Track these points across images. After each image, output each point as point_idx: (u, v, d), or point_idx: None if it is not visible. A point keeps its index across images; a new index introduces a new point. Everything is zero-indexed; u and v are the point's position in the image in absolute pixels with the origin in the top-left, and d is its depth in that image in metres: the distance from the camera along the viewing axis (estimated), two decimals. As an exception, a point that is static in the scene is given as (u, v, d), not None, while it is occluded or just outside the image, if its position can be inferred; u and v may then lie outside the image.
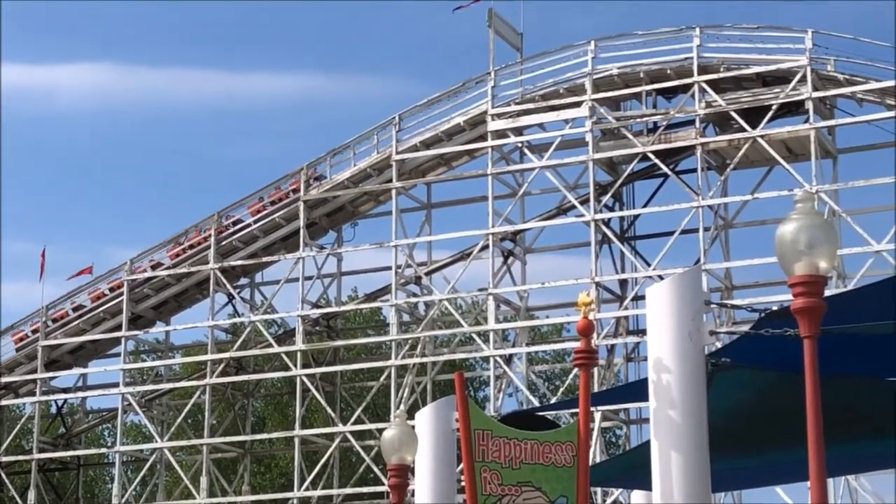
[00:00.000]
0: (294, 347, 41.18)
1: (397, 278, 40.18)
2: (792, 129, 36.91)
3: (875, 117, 36.43)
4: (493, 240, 39.12)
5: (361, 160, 40.98)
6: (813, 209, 8.63)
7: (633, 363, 40.47)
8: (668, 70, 38.07)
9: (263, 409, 55.10)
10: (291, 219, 41.62)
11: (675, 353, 9.73)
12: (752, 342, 10.04)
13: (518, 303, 40.51)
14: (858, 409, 11.39)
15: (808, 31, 36.49)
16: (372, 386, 43.33)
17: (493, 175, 39.46)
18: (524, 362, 40.72)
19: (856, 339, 10.32)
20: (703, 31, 37.62)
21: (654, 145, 37.77)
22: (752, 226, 39.92)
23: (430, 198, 42.04)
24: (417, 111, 40.87)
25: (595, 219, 37.95)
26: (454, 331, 42.06)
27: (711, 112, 37.37)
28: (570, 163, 39.53)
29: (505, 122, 39.34)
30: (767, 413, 11.17)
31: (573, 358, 11.32)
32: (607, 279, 38.98)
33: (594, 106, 38.22)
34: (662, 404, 9.74)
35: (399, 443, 12.91)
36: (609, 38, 39.24)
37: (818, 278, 8.53)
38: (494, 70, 39.95)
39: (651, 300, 10.06)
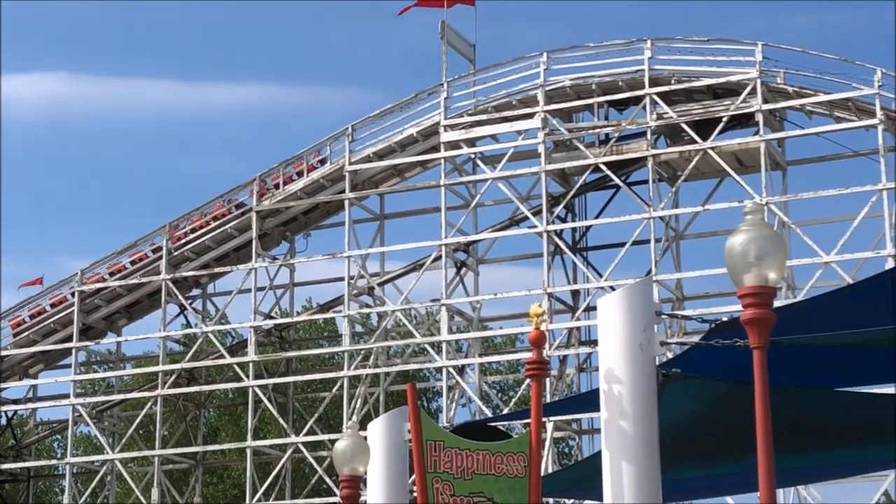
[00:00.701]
0: (246, 358, 41.06)
1: (350, 289, 40.15)
2: (742, 141, 37.18)
3: (824, 129, 36.76)
4: (446, 251, 39.17)
5: (314, 171, 40.94)
6: (762, 221, 8.71)
7: (585, 374, 40.60)
8: (619, 82, 38.26)
9: (216, 420, 54.87)
10: (244, 229, 41.51)
11: (627, 363, 9.79)
12: (703, 353, 10.11)
13: (471, 314, 40.56)
14: (808, 419, 11.48)
15: (758, 43, 36.78)
16: (325, 397, 43.25)
17: (445, 186, 39.52)
18: (477, 373, 40.77)
19: (805, 350, 10.41)
20: (654, 43, 37.84)
21: (605, 157, 37.95)
22: (703, 237, 40.17)
23: (383, 209, 42.04)
24: (370, 122, 40.89)
25: (547, 230, 38.08)
26: (407, 341, 42.06)
27: (663, 124, 37.58)
28: (522, 174, 39.65)
29: (458, 134, 39.42)
30: (718, 423, 11.24)
31: (525, 369, 11.36)
32: (559, 290, 39.11)
33: (546, 117, 38.37)
34: (613, 415, 9.79)
35: (351, 454, 12.90)
36: (561, 49, 39.41)
37: (767, 289, 8.61)
38: (447, 81, 40.03)
39: (602, 311, 10.11)
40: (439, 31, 40.63)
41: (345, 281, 40.32)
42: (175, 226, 42.24)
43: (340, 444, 13.10)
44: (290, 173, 41.18)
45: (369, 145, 40.51)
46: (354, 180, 40.54)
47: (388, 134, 40.48)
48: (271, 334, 43.25)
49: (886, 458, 15.23)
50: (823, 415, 11.70)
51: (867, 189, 35.34)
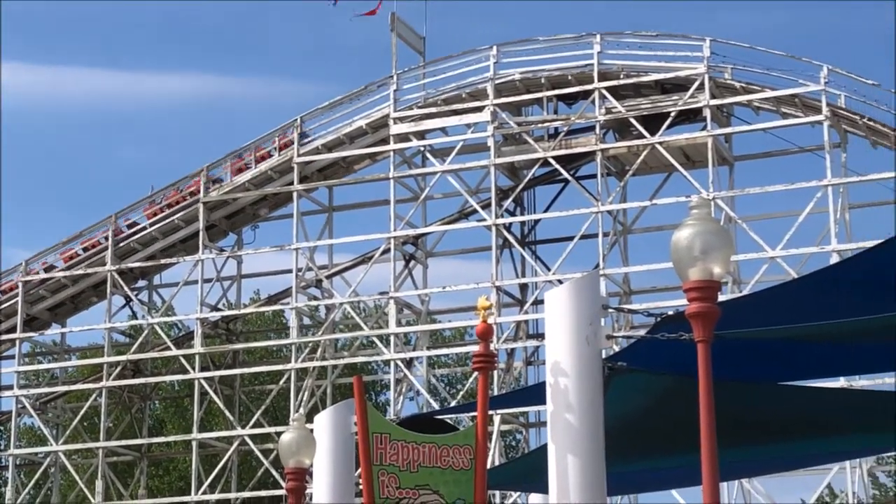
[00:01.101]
0: (192, 350, 40.88)
1: (298, 281, 40.04)
2: (690, 136, 37.38)
3: (770, 125, 37.01)
4: (395, 243, 39.14)
5: (262, 162, 40.79)
6: (708, 215, 8.74)
7: (532, 367, 40.70)
8: (569, 76, 38.35)
9: (162, 412, 54.59)
10: (191, 221, 41.31)
11: (573, 356, 9.80)
12: (649, 346, 10.13)
13: (419, 306, 40.56)
14: (752, 413, 11.54)
15: (706, 39, 36.98)
16: (271, 389, 43.13)
17: (395, 179, 39.48)
18: (425, 366, 40.78)
19: (750, 344, 10.46)
20: (603, 38, 37.97)
21: (554, 151, 38.04)
22: (650, 231, 40.37)
23: (331, 201, 41.95)
24: (319, 114, 40.78)
25: (496, 223, 38.13)
26: (355, 334, 42.01)
27: (611, 118, 37.72)
28: (471, 167, 39.68)
29: (407, 126, 39.38)
30: (663, 416, 11.28)
31: (472, 362, 11.36)
32: (508, 283, 39.19)
33: (496, 111, 38.40)
34: (559, 408, 9.80)
35: (297, 446, 12.86)
36: (511, 43, 39.46)
37: (712, 283, 8.65)
38: (397, 74, 39.99)
39: (549, 304, 10.12)
40: (389, 24, 40.59)
41: (293, 273, 40.22)
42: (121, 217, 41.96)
43: (286, 436, 13.05)
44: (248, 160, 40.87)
45: (318, 137, 40.40)
46: (303, 172, 40.42)
47: (337, 126, 40.40)
48: (218, 326, 43.08)
49: (829, 452, 15.35)
50: (767, 409, 11.76)
51: (812, 185, 35.63)
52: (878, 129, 35.86)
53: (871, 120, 35.78)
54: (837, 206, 35.29)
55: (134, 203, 42.35)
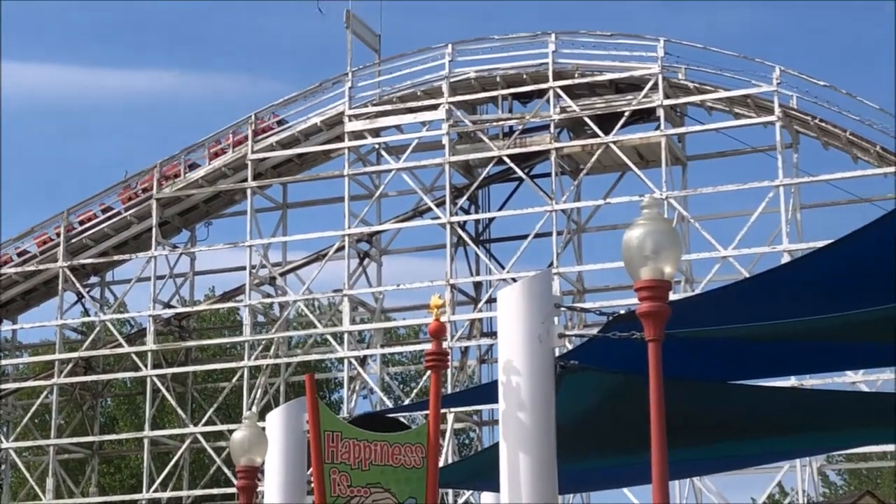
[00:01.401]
0: (145, 347, 40.68)
1: (251, 279, 39.92)
2: (643, 135, 37.53)
3: (723, 125, 37.21)
4: (349, 241, 39.08)
5: (216, 159, 40.63)
6: (659, 215, 8.79)
7: (486, 365, 40.73)
8: (524, 75, 38.42)
9: (114, 409, 54.30)
10: (144, 217, 41.10)
11: (525, 355, 9.83)
12: (601, 345, 10.18)
13: (373, 304, 40.52)
14: (703, 412, 11.60)
15: (660, 39, 37.14)
16: (224, 387, 42.98)
17: (349, 176, 39.42)
18: (379, 364, 40.74)
19: (702, 343, 10.52)
20: (558, 37, 38.05)
21: (509, 149, 38.10)
22: (604, 230, 40.49)
23: (285, 198, 41.85)
24: (273, 110, 40.67)
25: (451, 221, 38.15)
26: (309, 332, 41.92)
27: (566, 117, 37.81)
28: (426, 165, 39.68)
29: (362, 124, 39.34)
30: (615, 415, 11.33)
31: (424, 360, 11.37)
32: (462, 281, 39.22)
33: (451, 109, 38.42)
34: (511, 406, 9.82)
35: (248, 444, 12.83)
36: (467, 41, 39.49)
37: (663, 283, 8.70)
38: (352, 71, 39.93)
39: (502, 303, 10.14)
40: (344, 21, 40.53)
41: (246, 270, 40.09)
42: (73, 213, 41.70)
43: (238, 434, 13.03)
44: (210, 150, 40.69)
45: (272, 134, 40.29)
46: (257, 169, 40.30)
47: (291, 122, 40.30)
48: (171, 323, 42.87)
49: (780, 451, 15.47)
50: (718, 407, 11.83)
51: (765, 185, 35.85)
52: (829, 131, 36.12)
53: (822, 121, 36.04)
54: (789, 207, 35.52)
55: (86, 199, 42.08)
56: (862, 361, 15.73)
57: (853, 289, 9.39)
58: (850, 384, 32.93)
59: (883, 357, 13.36)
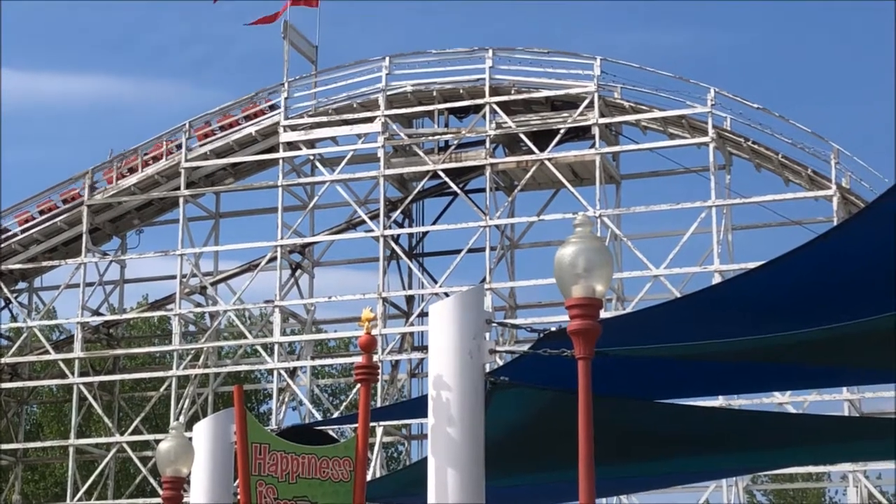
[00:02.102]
0: (72, 355, 40.28)
1: (182, 287, 39.65)
2: (578, 153, 37.68)
3: (658, 145, 37.44)
4: (282, 252, 38.93)
5: (149, 166, 40.34)
6: (591, 233, 8.80)
7: (417, 379, 40.71)
8: (460, 90, 38.49)
9: (40, 416, 53.69)
10: (74, 223, 40.72)
11: (455, 370, 9.79)
12: (531, 361, 10.17)
13: (305, 316, 40.37)
14: (632, 429, 11.63)
15: (596, 58, 37.32)
16: (152, 396, 42.64)
17: (283, 187, 39.29)
18: (308, 376, 40.58)
19: (632, 362, 10.54)
20: (495, 53, 38.16)
21: (444, 164, 38.13)
22: (537, 246, 40.61)
23: (218, 207, 41.62)
24: (208, 119, 40.46)
25: (384, 234, 38.11)
26: (239, 342, 41.69)
27: (501, 133, 37.91)
28: (361, 177, 39.63)
29: (297, 135, 39.22)
30: (544, 432, 11.33)
31: (354, 373, 11.32)
32: (394, 295, 39.18)
33: (387, 122, 38.40)
34: (441, 421, 9.79)
35: (174, 455, 12.72)
36: (404, 55, 39.49)
37: (594, 301, 8.72)
38: (288, 81, 39.81)
39: (433, 317, 10.10)
40: (281, 31, 40.41)
41: (177, 279, 39.82)
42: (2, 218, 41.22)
43: (164, 444, 12.92)
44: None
45: (206, 142, 40.07)
46: (190, 177, 40.06)
47: (226, 132, 40.10)
48: (99, 331, 42.47)
49: (707, 470, 15.56)
50: (647, 426, 11.86)
51: (697, 205, 36.11)
52: (762, 153, 36.45)
53: (755, 143, 36.36)
54: (721, 228, 35.79)
55: (14, 205, 41.60)
56: (789, 383, 15.85)
57: (782, 311, 9.44)
58: (777, 405, 33.21)
59: (810, 379, 13.48)
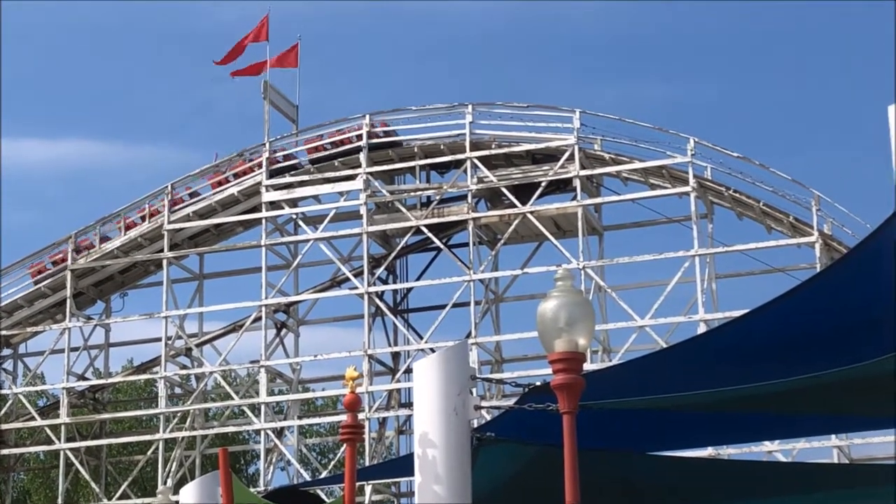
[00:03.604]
0: (58, 420, 40.06)
1: (167, 350, 39.52)
2: (560, 206, 37.76)
3: (639, 196, 37.53)
4: (267, 311, 38.85)
5: (132, 229, 40.31)
6: (572, 287, 8.79)
7: (404, 436, 40.54)
8: (441, 145, 38.57)
9: (28, 483, 53.30)
10: (58, 288, 40.61)
11: (441, 427, 9.74)
12: (517, 416, 10.13)
13: (291, 375, 40.23)
14: (619, 483, 11.57)
15: (575, 111, 37.46)
16: (140, 460, 42.37)
17: (266, 246, 39.25)
18: (296, 435, 40.39)
19: (619, 414, 10.50)
20: (475, 108, 38.29)
21: (427, 219, 38.16)
22: (521, 300, 40.58)
23: (202, 268, 41.56)
24: (190, 180, 40.48)
25: (368, 291, 38.07)
26: (226, 403, 41.50)
27: (483, 188, 37.98)
28: (344, 235, 39.63)
29: (279, 194, 39.23)
30: (532, 487, 11.27)
31: (339, 433, 11.25)
32: (380, 352, 39.08)
33: (369, 179, 38.44)
34: (427, 479, 9.72)
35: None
36: (384, 112, 39.62)
37: (577, 355, 8.69)
38: (269, 141, 39.87)
39: (418, 375, 10.06)
40: (262, 92, 40.52)
41: (162, 341, 39.68)
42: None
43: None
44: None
45: (189, 204, 40.06)
46: (173, 239, 40.02)
47: (208, 193, 40.10)
48: (85, 396, 42.26)
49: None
50: (635, 478, 11.80)
51: (680, 255, 36.14)
52: (743, 201, 36.55)
53: (736, 191, 36.47)
54: (704, 276, 35.82)
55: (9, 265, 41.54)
56: (778, 431, 15.80)
57: (769, 359, 9.43)
58: (766, 453, 33.12)
59: (798, 427, 13.44)
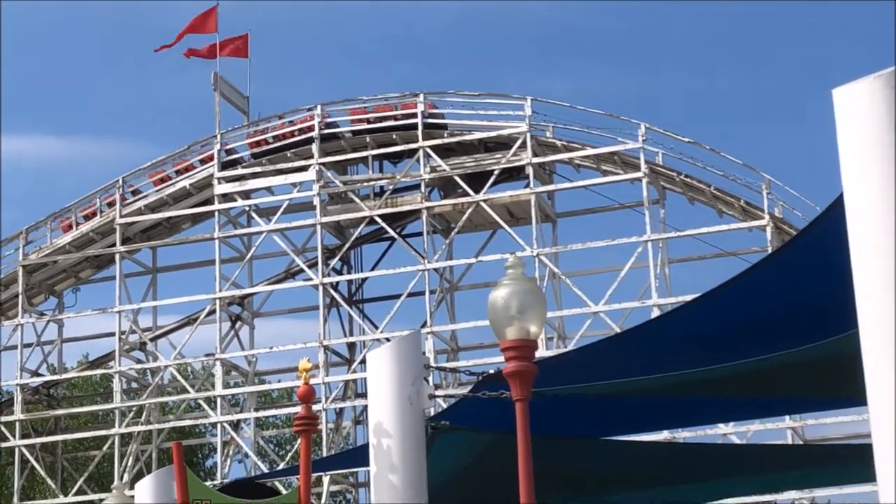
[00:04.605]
0: (12, 417, 39.78)
1: (121, 344, 39.30)
2: (513, 193, 37.78)
3: (591, 182, 37.60)
4: (221, 304, 38.70)
5: (84, 224, 40.04)
6: (522, 275, 8.81)
7: (361, 426, 40.50)
8: (393, 135, 38.51)
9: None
10: (9, 284, 40.32)
11: (396, 417, 9.76)
12: (473, 404, 10.16)
13: (246, 367, 40.11)
14: (575, 467, 11.63)
15: (527, 98, 37.48)
16: (96, 455, 42.16)
17: (220, 239, 39.08)
18: (252, 427, 40.27)
19: (573, 400, 10.54)
20: (427, 97, 38.24)
21: (380, 209, 38.11)
22: (476, 288, 40.57)
23: (155, 262, 41.33)
24: (142, 174, 40.25)
25: (323, 282, 37.99)
26: (181, 397, 41.32)
27: (436, 177, 37.95)
28: (298, 226, 39.50)
29: (232, 186, 39.07)
30: (487, 474, 11.31)
31: (294, 424, 11.24)
32: (336, 342, 39.02)
33: (321, 170, 38.34)
34: (383, 468, 9.74)
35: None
36: (336, 102, 39.50)
37: (528, 343, 8.72)
38: (221, 133, 39.69)
39: (372, 365, 10.07)
40: (212, 83, 40.32)
41: (116, 336, 39.46)
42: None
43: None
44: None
45: (141, 197, 39.83)
46: (126, 233, 39.78)
47: (160, 186, 39.87)
48: (39, 392, 41.98)
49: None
50: (591, 463, 11.87)
51: (633, 240, 36.25)
52: (694, 186, 36.69)
53: (687, 176, 36.60)
54: (657, 261, 35.95)
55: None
56: (732, 414, 15.91)
57: (722, 342, 9.49)
58: (721, 436, 33.32)
59: (752, 409, 13.54)
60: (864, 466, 7.60)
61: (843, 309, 7.12)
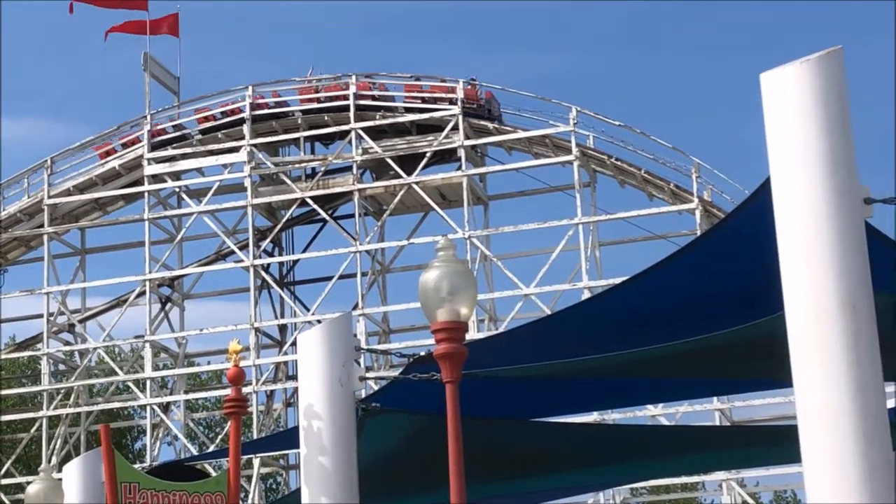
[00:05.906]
0: (-62, 400, 39.32)
1: (50, 326, 38.94)
2: (445, 176, 37.81)
3: (523, 165, 37.68)
4: (151, 286, 38.44)
5: (11, 204, 39.60)
6: (453, 256, 8.82)
7: (292, 408, 40.41)
8: (325, 116, 38.39)
9: None
10: (-65, 265, 39.83)
11: (326, 399, 9.76)
12: (404, 386, 10.16)
13: (176, 349, 39.88)
14: (505, 448, 11.67)
15: (459, 80, 37.49)
16: (24, 437, 41.77)
17: (149, 220, 38.80)
18: (182, 410, 40.08)
19: (504, 382, 10.58)
20: (359, 78, 38.13)
21: (312, 191, 37.99)
22: (408, 270, 40.62)
23: (84, 243, 40.96)
24: (71, 154, 39.84)
25: (254, 264, 37.83)
26: (110, 379, 41.02)
27: (368, 159, 37.89)
28: (228, 208, 39.29)
29: (162, 167, 38.78)
30: (418, 456, 11.32)
31: (223, 407, 11.20)
32: (267, 324, 38.89)
33: (252, 151, 38.15)
34: (313, 451, 9.73)
35: (44, 497, 12.52)
36: (267, 83, 39.32)
37: (459, 324, 8.73)
38: (151, 114, 39.37)
39: (302, 347, 10.05)
40: (142, 63, 39.96)
41: (44, 318, 39.09)
42: None
43: (33, 487, 12.71)
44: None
45: (69, 178, 39.44)
46: (54, 214, 39.38)
47: (89, 167, 39.50)
48: (-35, 374, 41.53)
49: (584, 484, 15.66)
50: (521, 444, 11.91)
51: (564, 223, 36.38)
52: (625, 169, 36.87)
53: (618, 160, 36.78)
54: (588, 244, 36.12)
55: None
56: (661, 395, 16.04)
57: (650, 324, 9.55)
58: (650, 417, 33.59)
59: (681, 390, 13.66)
60: (790, 447, 7.69)
61: (770, 291, 7.19)
